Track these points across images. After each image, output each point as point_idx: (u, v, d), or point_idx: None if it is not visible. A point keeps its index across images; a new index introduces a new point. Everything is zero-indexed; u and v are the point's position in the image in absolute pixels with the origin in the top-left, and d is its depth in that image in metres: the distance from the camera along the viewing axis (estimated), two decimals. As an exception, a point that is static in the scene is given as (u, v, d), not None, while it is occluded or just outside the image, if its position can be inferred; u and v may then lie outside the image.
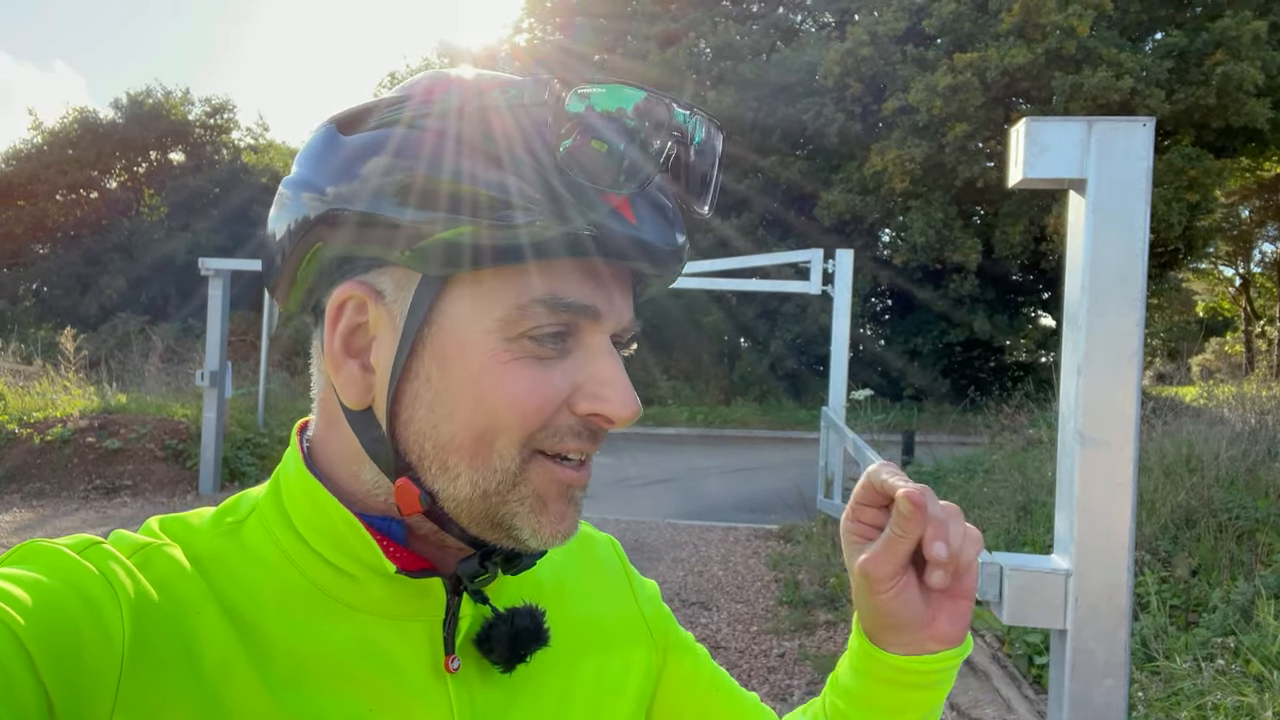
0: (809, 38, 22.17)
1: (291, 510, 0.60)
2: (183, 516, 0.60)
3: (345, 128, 0.58)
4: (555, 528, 0.58)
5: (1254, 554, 4.22)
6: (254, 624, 0.55)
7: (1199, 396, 8.59)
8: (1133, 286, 2.04)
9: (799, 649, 4.74)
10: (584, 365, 0.57)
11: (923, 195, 18.52)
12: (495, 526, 0.57)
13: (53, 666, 0.46)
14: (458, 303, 0.55)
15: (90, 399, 10.33)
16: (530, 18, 24.26)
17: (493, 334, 0.55)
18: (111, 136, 25.11)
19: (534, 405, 0.55)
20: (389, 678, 0.57)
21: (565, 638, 0.66)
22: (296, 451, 0.62)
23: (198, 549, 0.57)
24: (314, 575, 0.58)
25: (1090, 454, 2.04)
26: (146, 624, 0.51)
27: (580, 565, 0.75)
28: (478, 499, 0.56)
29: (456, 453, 0.56)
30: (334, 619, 0.57)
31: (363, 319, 0.58)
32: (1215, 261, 30.44)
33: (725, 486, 10.93)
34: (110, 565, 0.52)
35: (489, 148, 0.53)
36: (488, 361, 0.55)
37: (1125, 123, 2.04)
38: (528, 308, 0.54)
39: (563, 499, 0.58)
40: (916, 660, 0.66)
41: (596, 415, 0.57)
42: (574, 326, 0.56)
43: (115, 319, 20.67)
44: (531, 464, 0.56)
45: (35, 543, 0.53)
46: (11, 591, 0.47)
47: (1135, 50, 17.44)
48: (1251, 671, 3.04)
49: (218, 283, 8.77)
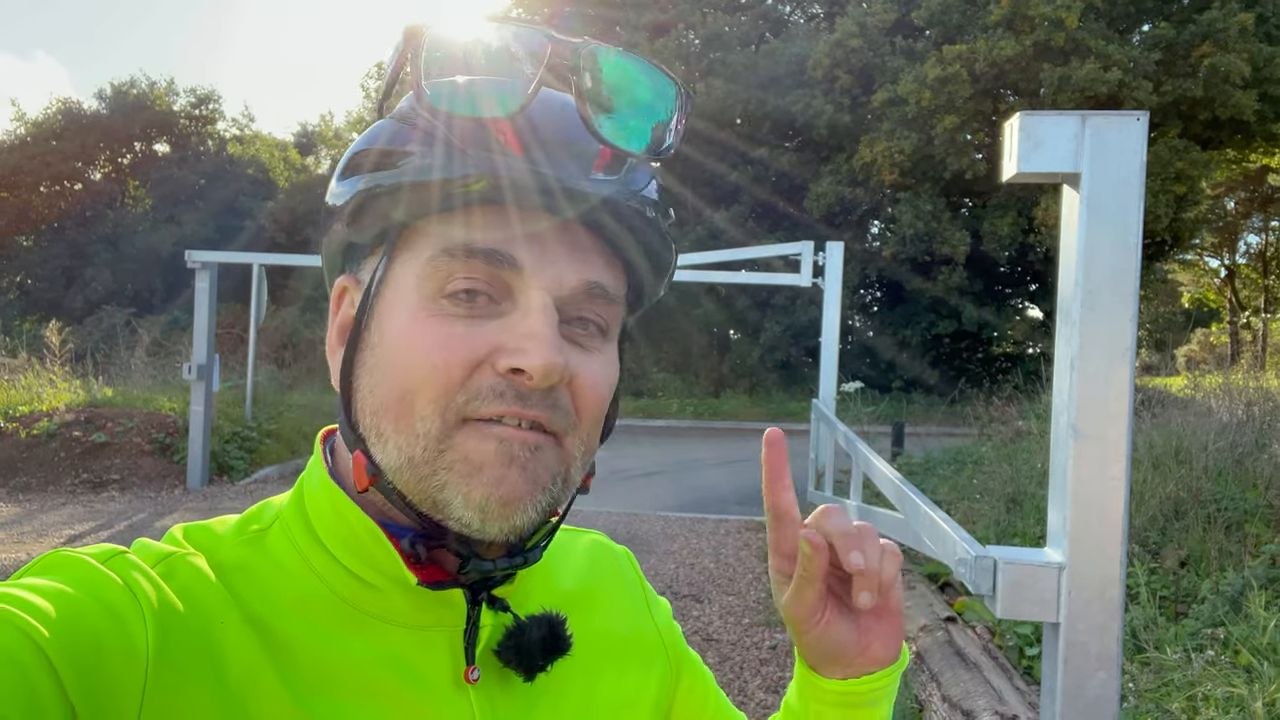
0: (798, 29, 22.17)
1: (315, 519, 0.59)
2: (206, 525, 0.60)
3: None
4: (490, 491, 0.53)
5: (1242, 545, 4.25)
6: (278, 633, 0.54)
7: (1185, 387, 8.64)
8: (1126, 281, 2.04)
9: (790, 641, 4.76)
10: (514, 324, 0.54)
11: (912, 187, 18.56)
12: (434, 505, 0.55)
13: (76, 677, 0.45)
14: (396, 269, 0.57)
15: (76, 393, 10.26)
16: (518, 7, 24.15)
17: (413, 291, 0.55)
18: (95, 127, 24.90)
19: (443, 359, 0.53)
20: (412, 688, 0.57)
21: (586, 648, 0.66)
22: (320, 459, 0.62)
23: (221, 558, 0.57)
24: (337, 585, 0.58)
25: (1084, 448, 2.04)
26: (171, 634, 0.50)
27: (601, 575, 0.74)
28: (406, 467, 0.54)
29: (385, 415, 0.55)
30: (356, 629, 0.57)
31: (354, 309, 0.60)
32: (1201, 253, 30.64)
33: (716, 478, 10.95)
34: (134, 575, 0.52)
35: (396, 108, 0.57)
36: (407, 319, 0.55)
37: (1118, 117, 2.04)
38: (437, 259, 0.54)
39: (500, 462, 0.54)
40: (855, 683, 0.67)
41: (516, 371, 0.53)
42: (499, 282, 0.54)
43: (101, 312, 20.52)
44: (460, 430, 0.54)
45: (59, 552, 0.53)
46: (35, 602, 0.47)
47: (1123, 42, 17.50)
48: (1241, 662, 3.06)
49: (205, 275, 8.72)
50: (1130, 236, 2.03)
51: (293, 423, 10.99)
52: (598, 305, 0.57)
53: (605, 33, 22.13)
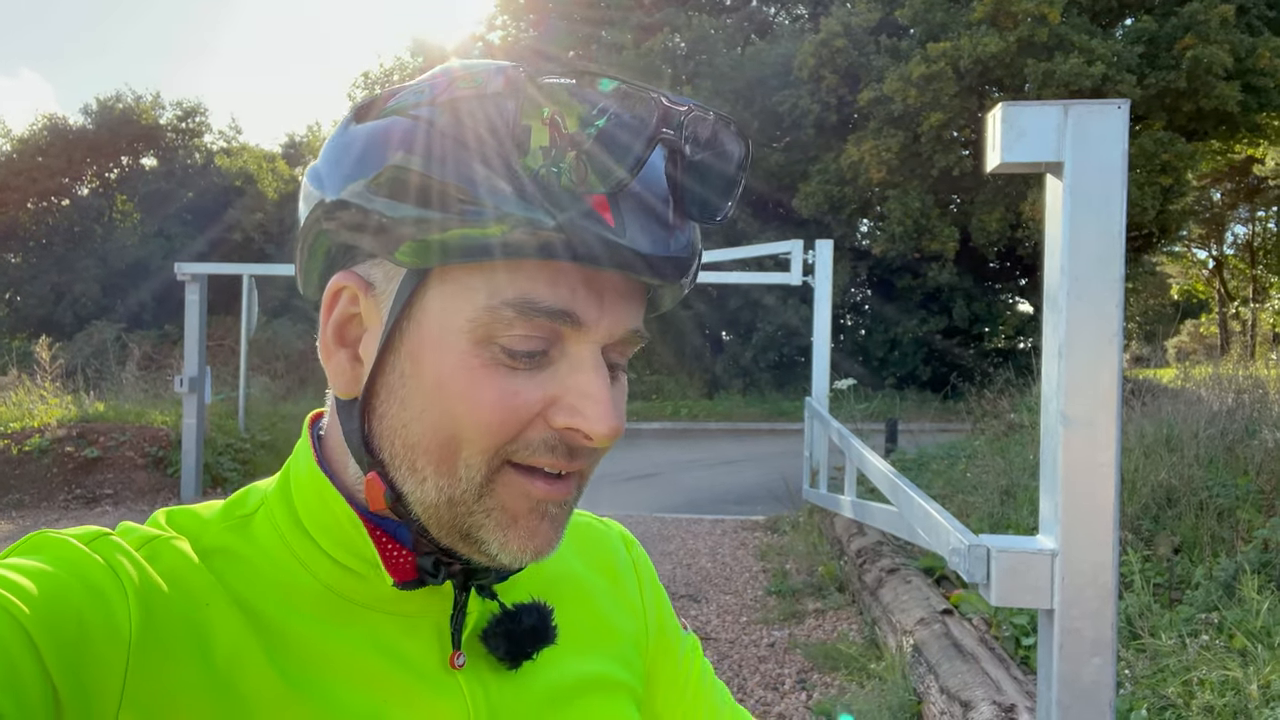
0: (783, 30, 22.24)
1: (300, 506, 0.59)
2: (191, 509, 0.60)
3: (359, 115, 0.57)
4: (525, 544, 0.55)
5: (1235, 531, 4.27)
6: (264, 617, 0.55)
7: (1176, 378, 8.69)
8: (1112, 268, 2.05)
9: (789, 638, 4.76)
10: (565, 376, 0.53)
11: (900, 185, 18.62)
12: (465, 538, 0.55)
13: (58, 656, 0.45)
14: (435, 299, 0.53)
15: (68, 408, 10.20)
16: (504, 15, 24.17)
17: (464, 334, 0.52)
18: (82, 142, 24.78)
19: (499, 418, 0.52)
20: (401, 673, 0.57)
21: (577, 634, 0.66)
22: (307, 444, 0.61)
23: (205, 543, 0.57)
24: (321, 573, 0.58)
25: (1073, 434, 2.05)
26: (155, 614, 0.50)
27: (589, 556, 0.74)
28: (444, 506, 0.54)
29: (424, 455, 0.54)
30: (342, 616, 0.57)
31: (355, 310, 0.57)
32: (1188, 244, 30.81)
33: (711, 479, 10.96)
34: (117, 556, 0.52)
35: (461, 137, 0.51)
36: (456, 365, 0.52)
37: (1100, 105, 2.06)
38: (497, 310, 0.51)
39: (534, 514, 0.55)
40: None
41: (572, 430, 0.53)
42: (555, 335, 0.53)
43: (91, 327, 20.42)
44: (500, 476, 0.54)
45: (43, 533, 0.53)
46: (17, 581, 0.47)
47: (1106, 36, 17.61)
48: (1235, 646, 3.08)
49: (195, 287, 8.69)
50: (1114, 223, 2.04)
51: (286, 434, 10.95)
52: (631, 346, 0.58)
53: (591, 39, 22.17)
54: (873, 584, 4.88)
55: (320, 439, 0.62)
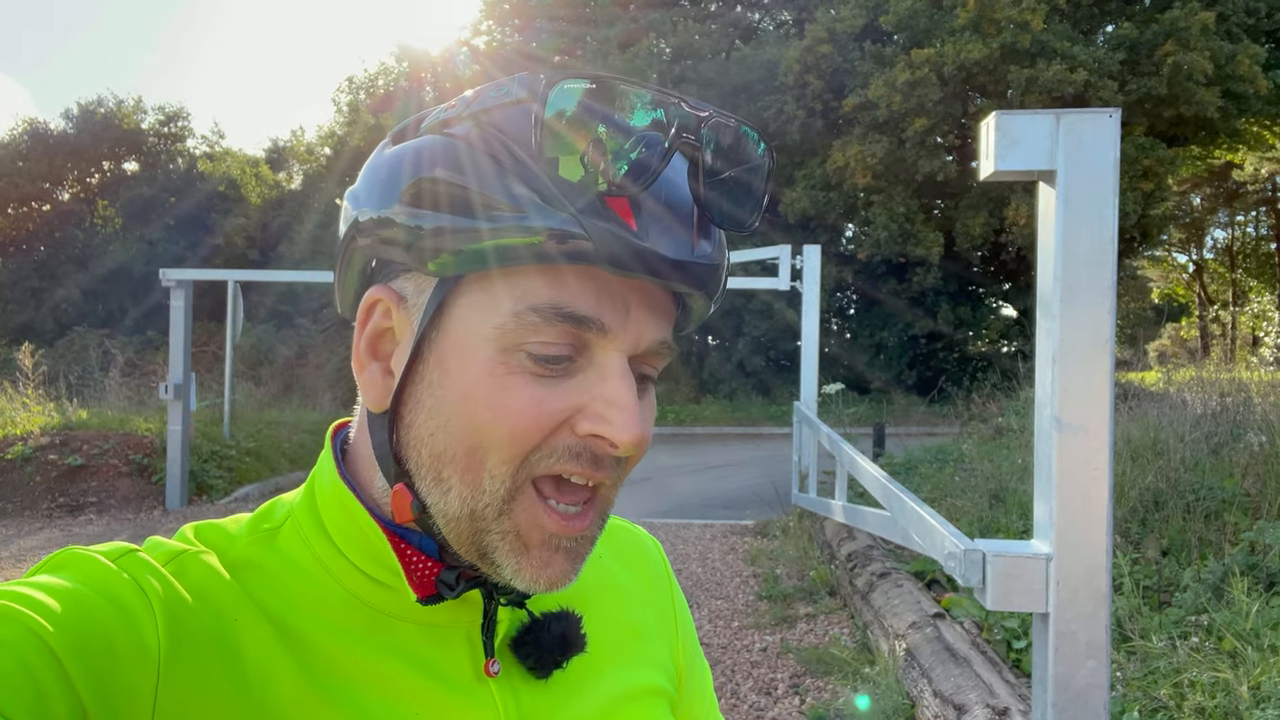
0: (768, 36, 22.31)
1: (326, 518, 0.59)
2: (218, 523, 0.60)
3: (396, 138, 0.59)
4: (538, 574, 0.55)
5: (1222, 533, 4.32)
6: (294, 630, 0.55)
7: (1160, 381, 8.76)
8: (1104, 274, 2.08)
9: (781, 643, 4.77)
10: (591, 384, 0.53)
11: (884, 190, 18.71)
12: (483, 558, 0.55)
13: (86, 675, 0.45)
14: (463, 308, 0.54)
15: (50, 415, 10.10)
16: (489, 19, 24.14)
17: (490, 342, 0.52)
18: (62, 147, 24.57)
19: (524, 425, 0.52)
20: (434, 684, 0.57)
21: (606, 638, 0.66)
22: (330, 457, 0.61)
23: (233, 556, 0.57)
24: (350, 584, 0.58)
25: (1068, 439, 2.07)
26: (183, 630, 0.50)
27: (626, 565, 0.75)
28: (466, 519, 0.54)
29: (450, 464, 0.54)
30: (372, 627, 0.57)
31: (389, 323, 0.58)
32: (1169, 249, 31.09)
33: (699, 484, 10.96)
34: (144, 573, 0.52)
35: (488, 147, 0.52)
36: (483, 372, 0.53)
37: (1092, 114, 2.08)
38: (523, 315, 0.52)
39: (547, 547, 0.55)
40: None
41: (597, 437, 0.53)
42: (581, 342, 0.53)
43: (72, 333, 20.25)
44: (521, 497, 0.54)
45: (70, 550, 0.53)
46: (42, 600, 0.47)
47: (1088, 43, 17.77)
48: (1225, 648, 3.11)
49: (179, 293, 8.63)
50: (1106, 230, 2.06)
51: (272, 440, 10.89)
52: (660, 359, 0.58)
53: (576, 44, 22.19)
54: (864, 588, 4.89)
55: (345, 451, 0.63)
